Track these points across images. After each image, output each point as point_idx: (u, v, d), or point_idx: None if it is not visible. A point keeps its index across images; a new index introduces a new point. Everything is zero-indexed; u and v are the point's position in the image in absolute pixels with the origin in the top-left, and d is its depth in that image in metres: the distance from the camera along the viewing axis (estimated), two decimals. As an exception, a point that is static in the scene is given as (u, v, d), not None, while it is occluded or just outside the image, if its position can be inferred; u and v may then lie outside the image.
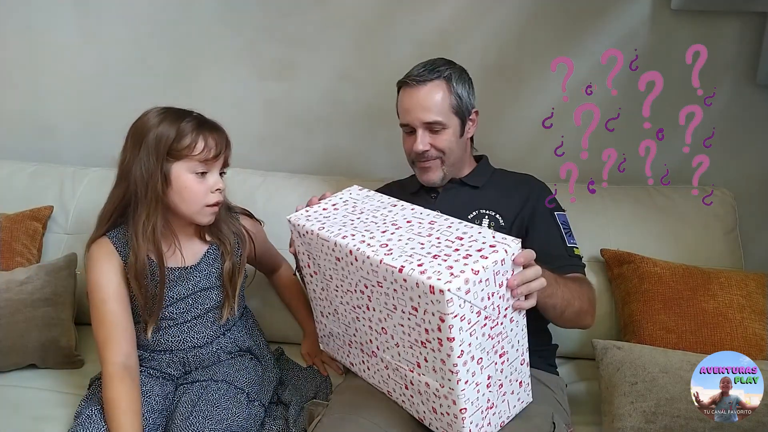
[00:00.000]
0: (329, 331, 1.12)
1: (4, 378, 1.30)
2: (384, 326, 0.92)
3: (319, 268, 1.01)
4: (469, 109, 1.25)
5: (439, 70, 1.22)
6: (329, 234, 0.94)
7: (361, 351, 1.04)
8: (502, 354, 0.88)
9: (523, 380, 0.95)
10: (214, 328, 1.21)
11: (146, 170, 1.07)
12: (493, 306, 0.83)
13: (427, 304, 0.80)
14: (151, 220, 1.09)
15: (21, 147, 1.82)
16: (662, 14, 1.51)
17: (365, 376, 1.08)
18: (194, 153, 1.09)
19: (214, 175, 1.13)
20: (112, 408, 1.04)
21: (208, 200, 1.12)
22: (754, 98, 1.55)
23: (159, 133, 1.07)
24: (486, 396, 0.88)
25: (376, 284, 0.88)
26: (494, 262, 0.81)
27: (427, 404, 0.91)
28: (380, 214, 0.98)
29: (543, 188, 1.28)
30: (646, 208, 1.47)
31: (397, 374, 0.96)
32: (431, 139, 1.21)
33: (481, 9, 1.57)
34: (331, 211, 1.03)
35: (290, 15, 1.63)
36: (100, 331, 1.10)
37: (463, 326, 0.80)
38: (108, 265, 1.13)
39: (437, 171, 1.24)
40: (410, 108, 1.21)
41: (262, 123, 1.75)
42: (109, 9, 1.69)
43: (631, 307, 1.32)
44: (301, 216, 1.03)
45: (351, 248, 0.89)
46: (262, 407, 1.17)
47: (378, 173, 1.68)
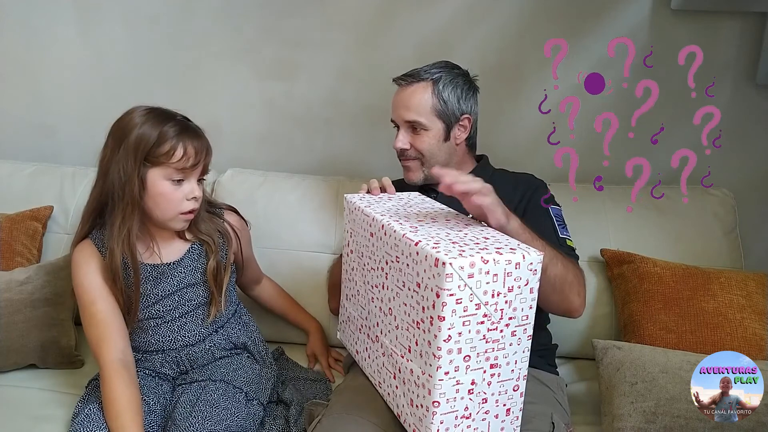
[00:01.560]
0: (348, 316, 1.14)
1: (4, 378, 1.30)
2: (391, 306, 0.94)
3: (357, 245, 1.06)
4: (456, 115, 1.25)
5: (430, 72, 1.24)
6: (371, 211, 1.01)
7: (367, 336, 1.05)
8: (493, 365, 0.86)
9: (512, 409, 0.91)
10: (204, 326, 1.21)
11: (124, 172, 1.06)
12: (495, 307, 0.83)
13: (429, 278, 0.81)
14: (126, 224, 1.08)
15: (21, 147, 1.82)
16: (662, 14, 1.51)
17: (364, 365, 1.09)
18: (172, 160, 1.07)
19: (191, 183, 1.11)
20: (112, 406, 1.04)
21: (182, 208, 1.11)
22: (754, 98, 1.55)
23: (140, 135, 1.06)
24: (465, 402, 0.86)
25: (394, 259, 0.91)
26: (507, 261, 0.81)
27: (407, 396, 0.91)
28: (425, 211, 1.03)
29: (540, 185, 1.29)
30: (646, 208, 1.48)
31: (389, 361, 0.96)
32: (412, 138, 1.26)
33: (481, 9, 1.57)
34: (384, 200, 1.10)
35: (290, 15, 1.63)
36: (92, 332, 1.10)
37: (458, 310, 0.80)
38: (91, 267, 1.12)
39: (417, 172, 1.28)
40: (394, 106, 1.28)
41: (262, 123, 1.75)
42: (108, 9, 1.69)
43: (631, 307, 1.32)
44: (356, 196, 1.11)
45: (384, 223, 0.95)
46: (260, 406, 1.17)
47: (378, 173, 1.67)
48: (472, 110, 1.27)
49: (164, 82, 1.73)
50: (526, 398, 0.99)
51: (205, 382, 1.15)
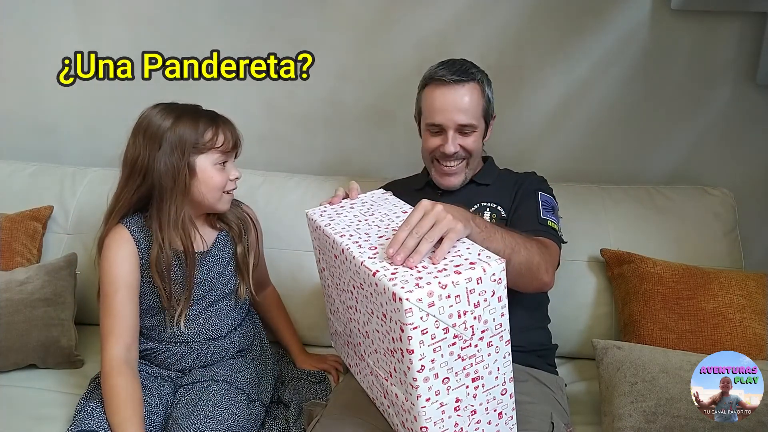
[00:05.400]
0: (335, 329, 1.13)
1: (4, 378, 1.30)
2: (366, 330, 0.91)
3: (326, 264, 1.02)
4: (492, 114, 1.26)
5: (472, 72, 1.20)
6: (332, 231, 0.95)
7: (355, 353, 1.03)
8: (475, 378, 0.83)
9: (504, 412, 0.88)
10: (228, 321, 1.24)
11: (171, 165, 1.13)
12: (465, 325, 0.79)
13: (392, 311, 0.77)
14: (180, 211, 1.15)
15: (21, 147, 1.82)
16: (662, 14, 1.51)
17: (359, 378, 1.07)
18: (217, 145, 1.16)
19: (231, 164, 1.21)
20: (112, 399, 1.05)
21: (227, 188, 1.20)
22: (754, 98, 1.55)
23: (181, 128, 1.13)
24: (453, 420, 0.84)
25: (359, 285, 0.87)
26: (467, 279, 0.77)
27: (398, 417, 0.89)
28: (387, 219, 0.98)
29: (539, 177, 1.30)
30: (646, 208, 1.48)
31: (377, 381, 0.94)
32: (460, 140, 1.20)
33: (481, 9, 1.57)
34: (346, 210, 1.04)
35: (291, 15, 1.63)
36: (104, 321, 1.13)
37: (425, 340, 0.76)
38: (123, 253, 1.16)
39: (461, 174, 1.24)
40: (445, 108, 1.18)
41: (262, 123, 1.75)
42: (109, 9, 1.69)
43: (631, 307, 1.32)
44: (316, 211, 1.05)
45: (343, 247, 0.89)
46: (262, 407, 1.17)
47: (378, 173, 1.68)
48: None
49: (164, 83, 1.72)
50: (526, 398, 0.99)
51: (208, 382, 1.16)
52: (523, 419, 0.96)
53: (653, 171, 1.66)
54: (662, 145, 1.64)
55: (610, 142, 1.64)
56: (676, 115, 1.60)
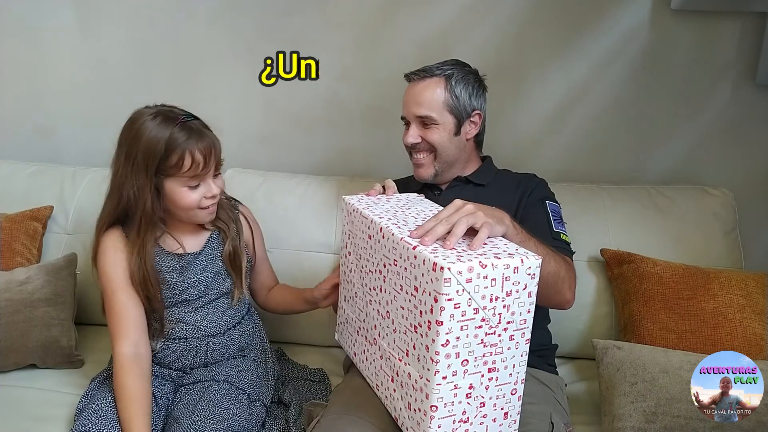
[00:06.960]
0: (346, 318, 1.14)
1: (4, 378, 1.30)
2: (389, 309, 0.94)
3: (355, 247, 1.05)
4: (468, 110, 1.25)
5: (442, 68, 1.24)
6: (369, 213, 1.00)
7: (365, 339, 1.05)
8: (491, 369, 0.86)
9: (510, 413, 0.90)
10: (225, 318, 1.24)
11: (138, 188, 1.10)
12: (494, 311, 0.82)
13: (427, 282, 0.81)
14: (140, 236, 1.14)
15: (21, 147, 1.82)
16: (662, 14, 1.51)
17: (362, 367, 1.09)
18: (182, 171, 1.10)
19: (207, 184, 1.14)
20: (121, 397, 1.06)
21: (202, 205, 1.15)
22: (754, 98, 1.55)
23: (147, 149, 1.08)
24: (462, 406, 0.85)
25: (392, 262, 0.90)
26: (506, 265, 0.81)
27: (404, 399, 0.91)
28: (423, 214, 1.02)
29: (540, 182, 1.30)
30: (646, 208, 1.48)
31: (387, 364, 0.96)
32: (422, 132, 1.25)
33: (481, 9, 1.57)
34: (383, 201, 1.09)
35: (291, 15, 1.63)
36: (110, 321, 1.14)
37: (456, 314, 0.79)
38: (118, 255, 1.15)
39: (429, 167, 1.28)
40: (406, 101, 1.27)
41: (262, 123, 1.75)
42: (108, 9, 1.69)
43: (631, 307, 1.32)
44: (354, 198, 1.10)
45: (382, 226, 0.94)
46: (263, 407, 1.17)
47: (378, 173, 1.68)
48: (482, 107, 1.28)
49: (164, 82, 1.73)
50: (526, 398, 0.99)
51: (209, 382, 1.16)
52: (522, 419, 0.96)
53: (653, 171, 1.66)
54: (662, 145, 1.64)
55: (609, 142, 1.64)
56: (676, 115, 1.60)
